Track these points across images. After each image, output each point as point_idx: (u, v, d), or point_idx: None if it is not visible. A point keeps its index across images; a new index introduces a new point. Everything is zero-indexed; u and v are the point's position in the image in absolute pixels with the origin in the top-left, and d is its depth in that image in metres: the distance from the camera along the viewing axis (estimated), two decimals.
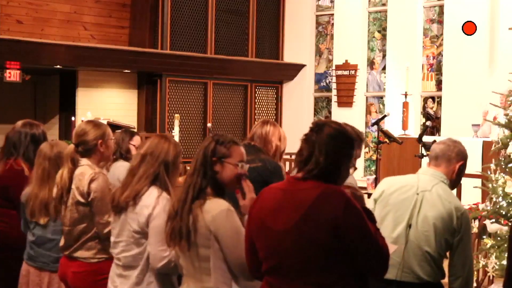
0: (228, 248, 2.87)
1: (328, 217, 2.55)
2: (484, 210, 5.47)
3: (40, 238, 4.24)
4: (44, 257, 4.20)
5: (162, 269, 3.30)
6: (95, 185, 3.75)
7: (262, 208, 2.73)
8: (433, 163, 3.55)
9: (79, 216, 3.79)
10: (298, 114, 13.75)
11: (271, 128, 4.44)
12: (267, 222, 2.69)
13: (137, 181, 3.36)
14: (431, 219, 3.37)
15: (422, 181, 3.48)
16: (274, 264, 2.68)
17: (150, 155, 3.39)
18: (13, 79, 10.44)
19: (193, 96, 12.67)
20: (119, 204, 3.39)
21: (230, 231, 2.86)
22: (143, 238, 3.34)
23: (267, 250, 2.70)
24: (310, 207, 2.58)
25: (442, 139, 3.67)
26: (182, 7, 12.49)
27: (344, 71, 12.90)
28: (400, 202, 3.45)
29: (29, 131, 4.68)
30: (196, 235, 2.88)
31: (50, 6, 11.74)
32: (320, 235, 2.56)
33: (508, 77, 5.84)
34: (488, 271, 5.42)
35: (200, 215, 2.87)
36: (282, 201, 2.66)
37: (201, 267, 2.91)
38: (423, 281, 3.39)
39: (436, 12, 11.89)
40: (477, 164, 8.02)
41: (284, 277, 2.65)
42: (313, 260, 2.59)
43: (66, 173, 3.85)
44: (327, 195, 2.58)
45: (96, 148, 3.88)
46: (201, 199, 2.90)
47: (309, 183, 2.63)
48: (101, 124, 3.99)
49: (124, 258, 3.41)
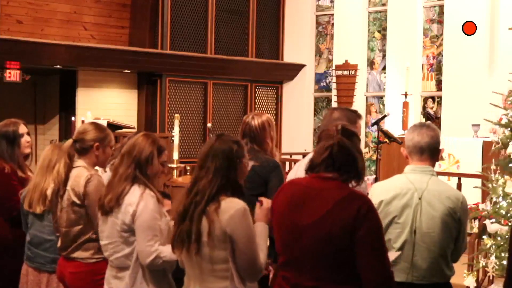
0: (242, 248, 2.85)
1: (349, 217, 2.65)
2: (484, 210, 5.47)
3: (36, 238, 4.24)
4: (41, 257, 4.20)
5: (150, 266, 3.30)
6: (90, 188, 3.75)
7: (284, 202, 2.83)
8: (417, 158, 3.39)
9: (75, 217, 3.79)
10: (298, 114, 13.74)
11: (260, 120, 4.38)
12: (289, 216, 2.78)
13: (117, 182, 3.37)
14: (435, 218, 3.29)
15: (415, 182, 3.34)
16: (290, 257, 2.77)
17: (127, 155, 3.39)
18: (13, 79, 10.43)
19: (193, 96, 12.67)
20: (104, 206, 3.39)
21: (246, 232, 2.85)
22: (132, 236, 3.34)
23: (285, 243, 2.80)
24: (334, 206, 2.68)
25: (413, 129, 3.45)
26: (182, 7, 12.48)
27: (344, 71, 12.90)
28: (401, 208, 3.32)
29: (2, 128, 4.73)
30: (210, 237, 2.85)
31: (50, 6, 11.73)
32: (337, 234, 2.65)
33: (508, 77, 5.84)
34: (488, 271, 5.42)
35: (216, 218, 2.85)
36: (307, 198, 2.76)
37: (214, 269, 2.88)
38: (433, 282, 3.33)
39: (436, 12, 11.89)
40: (477, 164, 8.03)
41: (298, 271, 2.73)
42: (328, 257, 2.68)
43: (62, 168, 3.86)
44: (353, 198, 2.71)
45: (92, 150, 3.87)
46: (215, 202, 2.88)
47: (335, 183, 2.76)
48: (105, 129, 3.97)
49: (116, 259, 3.42)
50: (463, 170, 8.23)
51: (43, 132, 12.54)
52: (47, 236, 4.19)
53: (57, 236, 3.97)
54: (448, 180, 8.07)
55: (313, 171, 2.82)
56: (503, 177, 5.28)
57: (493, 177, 5.37)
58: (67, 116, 11.96)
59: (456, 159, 8.76)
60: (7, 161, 4.64)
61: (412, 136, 3.41)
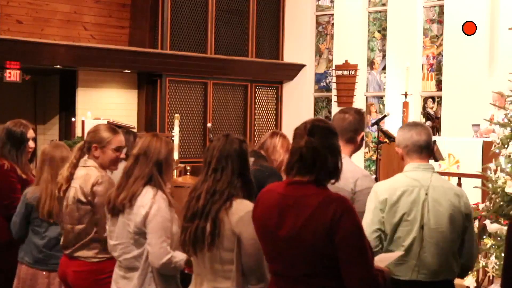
0: (250, 250, 2.85)
1: (326, 222, 2.58)
2: (484, 210, 5.46)
3: (51, 241, 4.24)
4: (56, 259, 4.18)
5: (162, 269, 3.29)
6: (99, 189, 3.75)
7: (264, 213, 2.76)
8: (417, 156, 3.41)
9: (79, 215, 3.79)
10: (298, 114, 13.73)
11: (280, 140, 4.45)
12: (270, 227, 2.72)
13: (133, 182, 3.36)
14: (443, 214, 3.29)
15: (420, 179, 3.35)
16: (279, 267, 2.72)
17: (143, 156, 3.39)
18: (13, 79, 10.43)
19: (193, 96, 12.66)
20: (115, 206, 3.39)
21: (254, 234, 2.84)
22: (143, 238, 3.34)
23: (272, 254, 2.75)
24: (311, 214, 2.61)
25: (409, 129, 3.43)
26: (182, 7, 12.48)
27: (344, 71, 12.90)
28: (410, 205, 3.30)
29: (11, 127, 4.72)
30: (219, 238, 2.86)
31: (50, 6, 11.73)
32: (320, 241, 2.59)
33: (508, 77, 5.84)
34: (488, 271, 5.42)
35: (226, 218, 2.86)
36: (285, 207, 2.68)
37: (223, 269, 2.88)
38: (441, 280, 3.32)
39: (436, 12, 11.89)
40: (477, 164, 8.01)
41: (289, 279, 2.69)
42: (315, 266, 2.62)
43: (67, 168, 3.86)
44: (329, 202, 2.62)
45: (91, 151, 3.87)
46: (228, 202, 2.90)
47: (311, 188, 2.67)
48: (110, 130, 3.92)
49: (125, 260, 3.41)
50: (463, 170, 8.22)
51: (43, 132, 12.54)
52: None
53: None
54: (448, 180, 8.07)
55: (289, 174, 2.75)
56: (503, 177, 5.27)
57: (493, 177, 5.37)
58: (67, 116, 11.96)
59: (456, 159, 8.76)
60: (8, 159, 4.64)
61: (410, 135, 3.42)
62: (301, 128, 2.75)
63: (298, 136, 2.73)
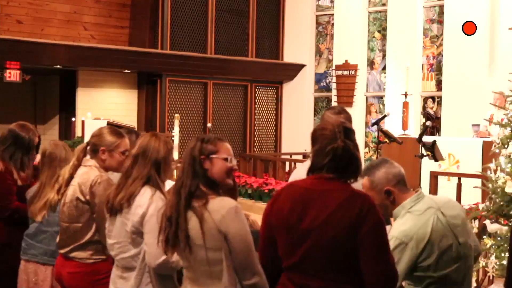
0: (239, 247, 2.83)
1: (352, 217, 2.64)
2: (484, 210, 5.46)
3: (33, 229, 4.26)
4: (34, 248, 4.21)
5: (158, 269, 3.28)
6: (98, 189, 3.75)
7: (285, 206, 2.79)
8: (406, 189, 3.18)
9: (77, 213, 3.79)
10: (298, 114, 13.75)
11: None
12: (291, 220, 2.75)
13: (131, 182, 3.36)
14: (462, 227, 3.17)
15: (431, 204, 3.15)
16: (295, 261, 2.75)
17: (142, 156, 3.38)
18: (13, 79, 10.44)
19: (193, 96, 12.67)
20: (113, 206, 3.39)
21: (241, 230, 2.82)
22: (140, 238, 3.34)
23: (289, 248, 2.77)
24: (337, 207, 2.68)
25: (389, 165, 3.19)
26: (182, 7, 12.49)
27: (344, 71, 12.90)
28: (440, 236, 3.08)
29: (19, 131, 4.69)
30: (205, 238, 2.83)
31: (50, 6, 11.75)
32: (343, 235, 2.64)
33: (508, 77, 5.84)
34: (488, 271, 5.41)
35: (207, 214, 2.82)
36: (309, 200, 2.74)
37: (211, 271, 2.85)
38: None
39: (436, 12, 11.89)
40: (477, 164, 8.02)
41: (304, 273, 2.72)
42: (333, 259, 2.67)
43: (68, 170, 3.86)
44: (356, 197, 2.70)
45: (98, 154, 3.87)
46: (202, 199, 2.87)
47: (336, 183, 2.75)
48: (116, 134, 3.93)
49: (122, 259, 3.41)
50: (463, 170, 8.22)
51: (43, 132, 12.54)
52: (43, 227, 4.22)
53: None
54: (448, 180, 8.07)
55: (314, 173, 2.81)
56: (503, 177, 5.28)
57: (493, 177, 5.37)
58: (67, 116, 11.98)
59: (456, 159, 8.76)
60: (5, 161, 4.60)
61: (398, 170, 3.20)
62: (331, 130, 2.81)
63: (326, 138, 2.79)
